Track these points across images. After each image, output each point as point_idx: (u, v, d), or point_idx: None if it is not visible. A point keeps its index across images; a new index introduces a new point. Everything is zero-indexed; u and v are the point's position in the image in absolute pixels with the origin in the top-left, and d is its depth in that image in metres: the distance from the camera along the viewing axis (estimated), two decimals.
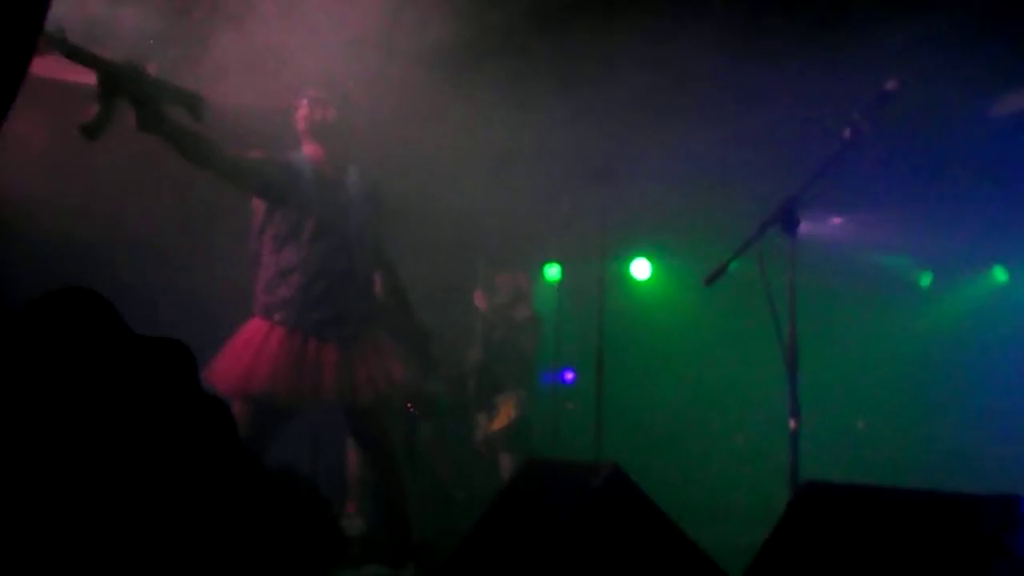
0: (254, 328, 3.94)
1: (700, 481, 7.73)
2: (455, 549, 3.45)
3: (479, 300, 6.50)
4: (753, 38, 5.36)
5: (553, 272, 8.05)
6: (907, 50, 4.89)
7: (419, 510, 5.20)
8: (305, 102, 4.20)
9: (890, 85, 3.52)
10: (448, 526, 5.28)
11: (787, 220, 3.56)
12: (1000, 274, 8.64)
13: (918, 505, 2.19)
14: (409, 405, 5.75)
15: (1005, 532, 1.90)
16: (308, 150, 4.18)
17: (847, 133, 3.61)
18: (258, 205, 4.06)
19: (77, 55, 3.19)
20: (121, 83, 3.29)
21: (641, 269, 8.88)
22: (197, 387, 1.04)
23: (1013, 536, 1.90)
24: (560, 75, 5.64)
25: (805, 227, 3.86)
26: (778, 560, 2.38)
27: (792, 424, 3.42)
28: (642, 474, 3.29)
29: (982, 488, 2.14)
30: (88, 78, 3.69)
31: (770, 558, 2.41)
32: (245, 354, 3.85)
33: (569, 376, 8.09)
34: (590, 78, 5.69)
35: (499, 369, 6.39)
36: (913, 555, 2.04)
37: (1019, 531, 1.91)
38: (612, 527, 2.96)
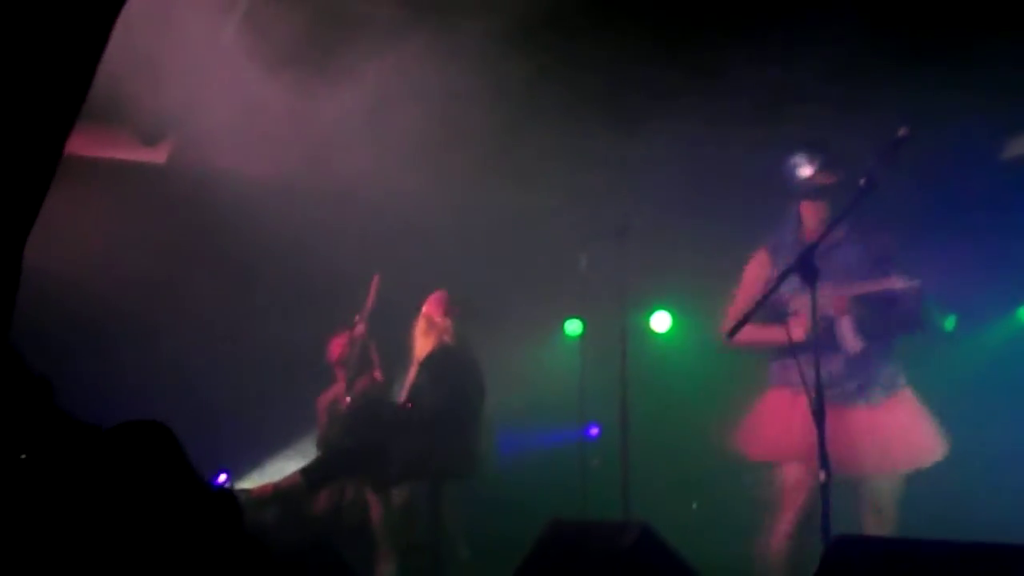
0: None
1: (731, 534, 7.60)
2: None
3: None
4: (769, 96, 5.41)
5: (574, 327, 8.03)
6: (921, 95, 4.93)
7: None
8: (806, 160, 4.09)
9: (901, 132, 3.54)
10: None
11: (806, 270, 3.54)
12: None
13: (953, 557, 2.15)
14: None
15: None
16: (806, 211, 4.13)
17: (862, 181, 3.62)
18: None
19: None
20: None
21: (661, 322, 8.84)
22: (239, 533, 1.04)
23: None
24: (578, 130, 5.70)
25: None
26: None
27: (822, 476, 3.38)
28: (672, 531, 3.24)
29: (1015, 538, 2.09)
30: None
31: None
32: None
33: (594, 431, 8.02)
34: (606, 136, 5.75)
35: None
36: None
37: None
38: None
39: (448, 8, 4.72)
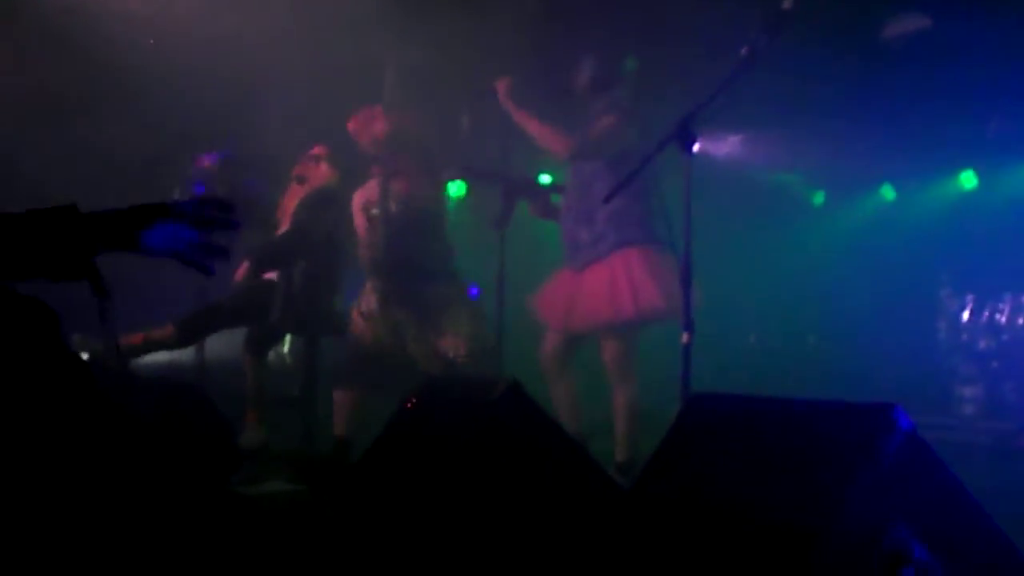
0: None
1: (597, 394, 7.87)
2: (353, 466, 3.47)
3: None
4: None
5: (457, 188, 8.02)
6: None
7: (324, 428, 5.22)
8: None
9: (786, 4, 3.56)
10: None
11: (683, 137, 3.59)
12: (888, 192, 8.92)
13: (798, 414, 2.29)
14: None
15: (876, 438, 1.99)
16: None
17: (744, 50, 3.65)
18: None
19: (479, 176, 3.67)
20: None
21: (547, 182, 8.88)
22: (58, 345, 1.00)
23: (884, 442, 2.00)
24: None
25: (703, 144, 3.91)
26: (667, 468, 2.46)
27: (685, 337, 3.51)
28: (541, 389, 3.34)
29: (866, 398, 2.23)
30: None
31: (659, 467, 2.49)
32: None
33: (473, 292, 8.11)
34: None
35: None
36: (790, 460, 2.14)
37: (890, 438, 2.01)
38: (509, 440, 3.01)
39: None
